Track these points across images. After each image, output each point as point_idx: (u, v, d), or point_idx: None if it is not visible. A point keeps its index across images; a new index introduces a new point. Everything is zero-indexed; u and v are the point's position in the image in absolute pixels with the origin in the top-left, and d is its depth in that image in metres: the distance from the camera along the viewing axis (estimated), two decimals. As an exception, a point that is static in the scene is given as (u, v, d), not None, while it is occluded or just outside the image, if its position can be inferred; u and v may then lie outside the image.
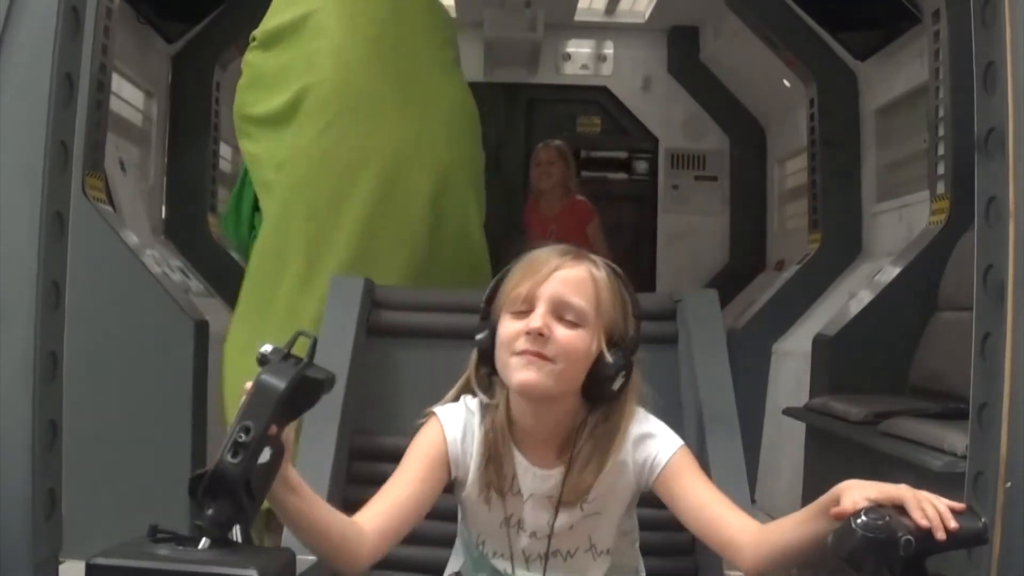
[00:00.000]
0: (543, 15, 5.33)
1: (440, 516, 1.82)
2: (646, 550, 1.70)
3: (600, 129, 5.91)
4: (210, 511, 1.24)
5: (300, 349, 1.33)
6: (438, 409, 1.61)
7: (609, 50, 5.85)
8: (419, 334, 2.05)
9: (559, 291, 1.51)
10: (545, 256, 1.55)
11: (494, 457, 1.56)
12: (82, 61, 1.34)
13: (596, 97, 5.88)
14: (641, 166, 5.90)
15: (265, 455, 1.26)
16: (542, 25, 5.36)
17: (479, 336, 1.58)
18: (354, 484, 1.91)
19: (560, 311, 1.51)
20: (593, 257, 1.58)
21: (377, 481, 1.88)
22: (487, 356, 1.57)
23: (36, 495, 1.22)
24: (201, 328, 3.33)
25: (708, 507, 1.51)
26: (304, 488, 1.38)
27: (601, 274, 1.56)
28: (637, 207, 5.89)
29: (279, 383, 1.27)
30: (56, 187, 1.26)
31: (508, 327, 1.53)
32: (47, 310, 1.25)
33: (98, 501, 2.78)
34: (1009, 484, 1.22)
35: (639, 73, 5.84)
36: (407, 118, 2.75)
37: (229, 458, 1.23)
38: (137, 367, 3.22)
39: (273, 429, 1.28)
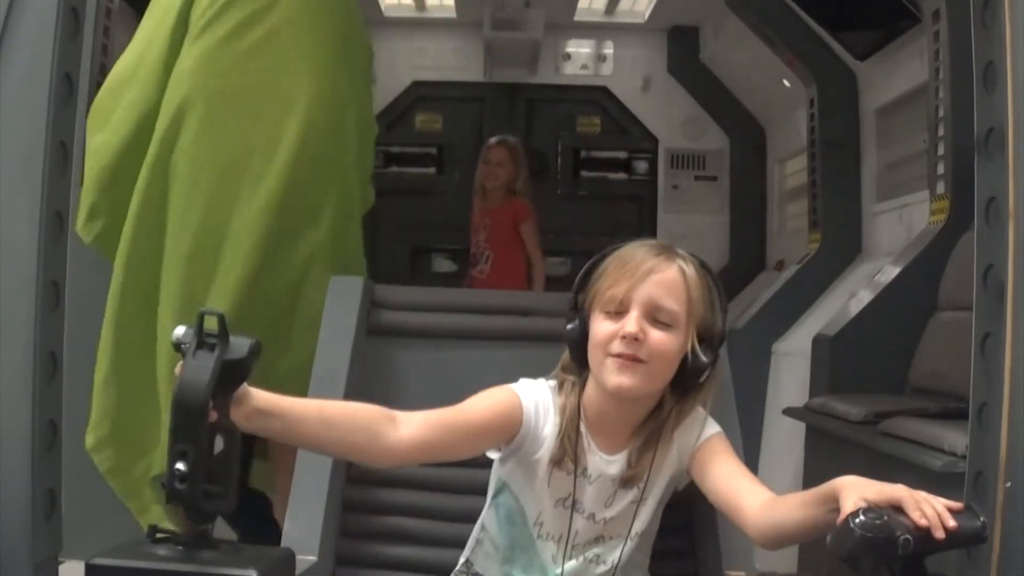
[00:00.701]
0: (543, 15, 5.33)
1: (440, 516, 1.83)
2: (646, 550, 1.70)
3: (600, 129, 5.90)
4: (188, 519, 1.25)
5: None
6: (514, 385, 1.63)
7: (609, 50, 5.85)
8: (419, 334, 2.05)
9: (653, 294, 1.55)
10: (640, 256, 1.58)
11: (568, 435, 1.59)
12: (82, 61, 1.34)
13: (596, 97, 5.88)
14: (641, 166, 5.89)
15: (218, 444, 1.25)
16: (542, 25, 5.36)
17: (569, 327, 1.61)
18: (354, 484, 1.90)
19: (653, 313, 1.55)
20: (683, 253, 1.61)
21: (377, 481, 1.89)
22: (577, 347, 1.61)
23: (36, 495, 1.22)
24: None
25: (731, 477, 1.57)
26: (279, 406, 1.37)
27: (691, 271, 1.59)
28: (637, 207, 5.89)
29: (199, 387, 1.23)
30: (56, 187, 1.26)
31: (602, 327, 1.57)
32: (47, 310, 1.25)
33: (99, 501, 2.78)
34: (1009, 484, 1.22)
35: (639, 73, 5.84)
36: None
37: (177, 485, 1.22)
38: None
39: (213, 416, 1.26)
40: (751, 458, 3.02)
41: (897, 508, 1.26)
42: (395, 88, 5.79)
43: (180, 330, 1.27)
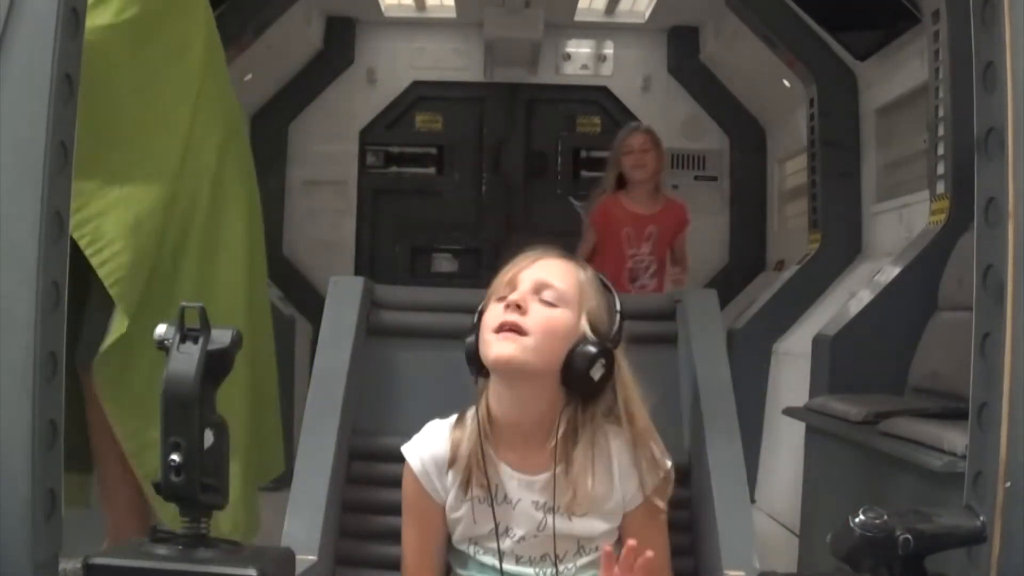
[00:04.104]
0: (543, 15, 5.33)
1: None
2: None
3: (600, 129, 5.90)
4: (183, 516, 1.26)
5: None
6: (403, 447, 1.65)
7: (609, 50, 5.85)
8: (419, 334, 2.05)
9: (540, 275, 1.56)
10: (528, 252, 1.61)
11: (475, 468, 1.58)
12: (82, 61, 1.34)
13: (596, 97, 5.88)
14: (641, 166, 5.89)
15: (208, 438, 1.25)
16: (542, 25, 5.36)
17: (468, 339, 1.61)
18: (354, 484, 1.91)
19: (540, 292, 1.55)
20: (577, 259, 1.63)
21: (377, 481, 1.90)
22: (473, 360, 1.59)
23: (36, 495, 1.22)
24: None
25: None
26: None
27: (586, 273, 1.60)
28: (637, 207, 5.89)
29: (187, 378, 1.25)
30: (56, 187, 1.26)
31: (491, 311, 1.57)
32: (47, 310, 1.25)
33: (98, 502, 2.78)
34: (1009, 484, 1.22)
35: (639, 73, 5.84)
36: None
37: (173, 478, 1.23)
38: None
39: None
40: (751, 458, 3.02)
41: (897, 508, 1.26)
42: (395, 88, 5.80)
43: (162, 328, 1.29)
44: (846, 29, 4.34)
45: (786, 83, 4.97)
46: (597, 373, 1.55)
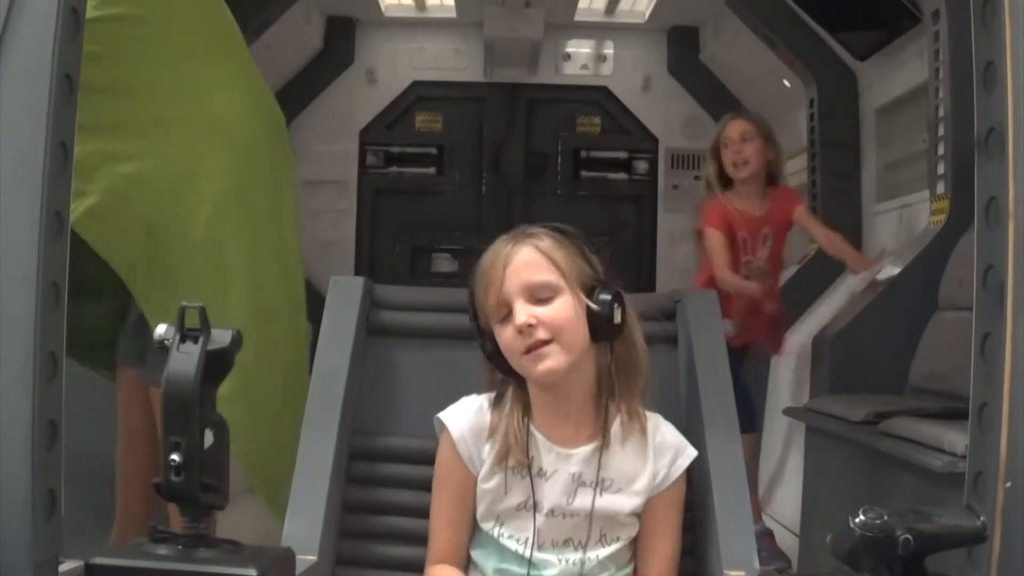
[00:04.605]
0: (543, 15, 5.33)
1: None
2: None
3: (600, 129, 5.91)
4: (183, 515, 1.26)
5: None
6: (441, 414, 1.66)
7: (609, 50, 5.85)
8: (419, 334, 2.05)
9: (519, 280, 1.58)
10: (492, 256, 1.62)
11: (513, 441, 1.61)
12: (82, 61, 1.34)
13: (596, 97, 5.88)
14: (641, 166, 5.90)
15: (209, 438, 1.26)
16: (542, 25, 5.36)
17: (485, 346, 1.65)
18: (354, 484, 1.91)
19: (532, 294, 1.57)
20: (534, 230, 1.64)
21: (377, 481, 1.90)
22: (496, 361, 1.64)
23: (36, 495, 1.22)
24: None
25: (649, 550, 1.64)
26: None
27: (544, 242, 1.61)
28: (637, 207, 5.89)
29: (187, 377, 1.25)
30: (56, 187, 1.26)
31: (504, 335, 1.59)
32: (47, 310, 1.25)
33: (99, 501, 2.78)
34: (1009, 484, 1.22)
35: (639, 73, 5.84)
36: None
37: (173, 478, 1.24)
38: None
39: None
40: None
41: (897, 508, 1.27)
42: (395, 88, 5.80)
43: (162, 328, 1.29)
44: (846, 29, 4.34)
45: (786, 83, 4.97)
46: (616, 314, 1.60)
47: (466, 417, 1.65)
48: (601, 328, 1.60)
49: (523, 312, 1.56)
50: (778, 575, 3.10)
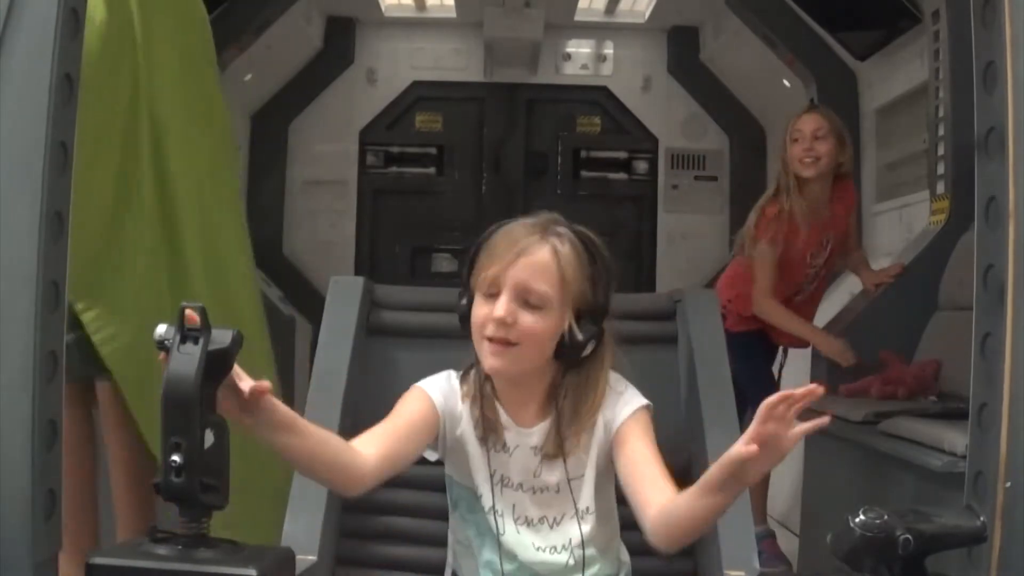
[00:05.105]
0: (543, 15, 5.33)
1: (440, 516, 1.83)
2: (645, 550, 1.69)
3: (600, 129, 5.90)
4: (182, 516, 1.26)
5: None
6: (417, 383, 1.68)
7: (609, 50, 5.85)
8: (419, 334, 2.05)
9: (522, 277, 1.57)
10: (515, 236, 1.61)
11: (484, 410, 1.64)
12: (82, 61, 1.34)
13: (596, 97, 5.88)
14: (641, 166, 5.89)
15: (209, 438, 1.25)
16: (542, 25, 5.36)
17: (461, 302, 1.66)
18: (354, 484, 1.90)
19: (524, 296, 1.57)
20: (561, 230, 1.62)
21: (377, 481, 1.89)
22: (464, 323, 1.65)
23: (36, 495, 1.22)
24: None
25: (639, 464, 1.58)
26: (285, 422, 1.41)
27: (566, 249, 1.60)
28: (637, 207, 5.89)
29: (188, 379, 1.24)
30: (56, 187, 1.26)
31: (479, 310, 1.61)
32: (47, 310, 1.25)
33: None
34: (1009, 484, 1.23)
35: (639, 73, 5.84)
36: None
37: (173, 479, 1.23)
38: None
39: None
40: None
41: (897, 508, 1.27)
42: (395, 88, 5.80)
43: (162, 328, 1.28)
44: (846, 29, 4.35)
45: (786, 83, 4.97)
46: (588, 347, 1.62)
47: (438, 383, 1.67)
48: (566, 350, 1.61)
49: (506, 307, 1.56)
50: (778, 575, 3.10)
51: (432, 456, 1.68)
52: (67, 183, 1.30)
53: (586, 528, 1.64)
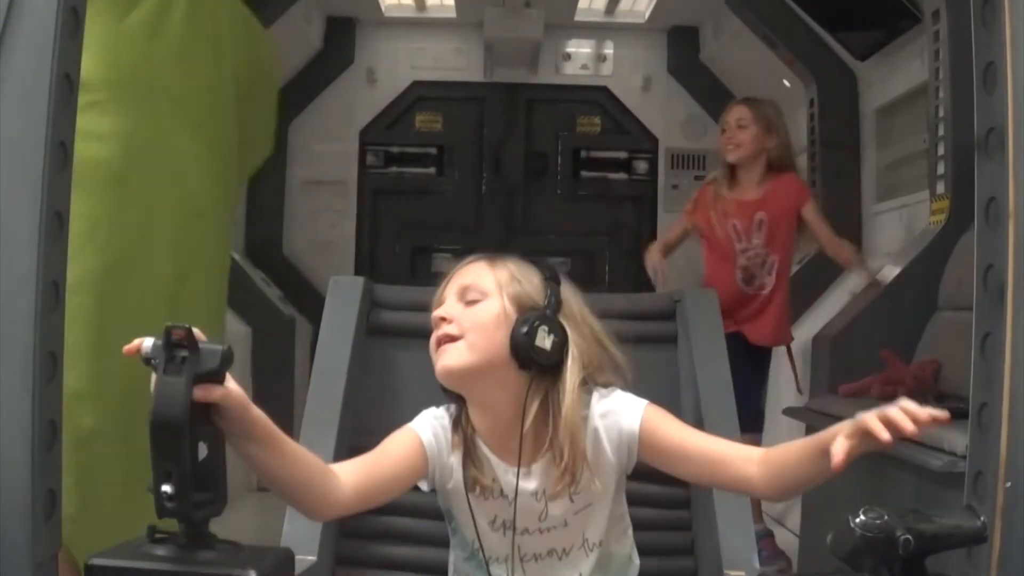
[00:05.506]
0: (543, 15, 5.33)
1: (439, 516, 1.83)
2: (645, 550, 1.70)
3: (600, 129, 5.90)
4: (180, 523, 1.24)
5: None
6: (412, 423, 1.61)
7: (609, 50, 5.85)
8: (419, 334, 2.05)
9: (460, 284, 1.58)
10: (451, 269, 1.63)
11: (472, 459, 1.58)
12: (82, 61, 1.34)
13: (596, 97, 5.88)
14: (641, 166, 5.89)
15: (202, 451, 1.23)
16: (542, 25, 5.36)
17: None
18: (354, 484, 1.90)
19: (462, 296, 1.57)
20: (503, 259, 1.61)
21: (377, 481, 1.89)
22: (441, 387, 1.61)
23: (36, 495, 1.22)
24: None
25: (707, 451, 1.52)
26: (259, 434, 1.33)
27: (503, 263, 1.60)
28: (637, 207, 5.89)
29: (176, 405, 1.20)
30: (56, 187, 1.26)
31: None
32: (47, 310, 1.25)
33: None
34: (1009, 484, 1.22)
35: (639, 73, 5.84)
36: None
37: (166, 504, 1.21)
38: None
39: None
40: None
41: (897, 508, 1.27)
42: (395, 88, 5.80)
43: (148, 344, 1.23)
44: (846, 29, 4.35)
45: (786, 83, 4.97)
46: (545, 341, 1.53)
47: (432, 427, 1.60)
48: (519, 347, 1.52)
49: (445, 306, 1.56)
50: (778, 575, 3.10)
51: (425, 487, 1.61)
52: (67, 183, 1.30)
53: (593, 561, 1.60)
